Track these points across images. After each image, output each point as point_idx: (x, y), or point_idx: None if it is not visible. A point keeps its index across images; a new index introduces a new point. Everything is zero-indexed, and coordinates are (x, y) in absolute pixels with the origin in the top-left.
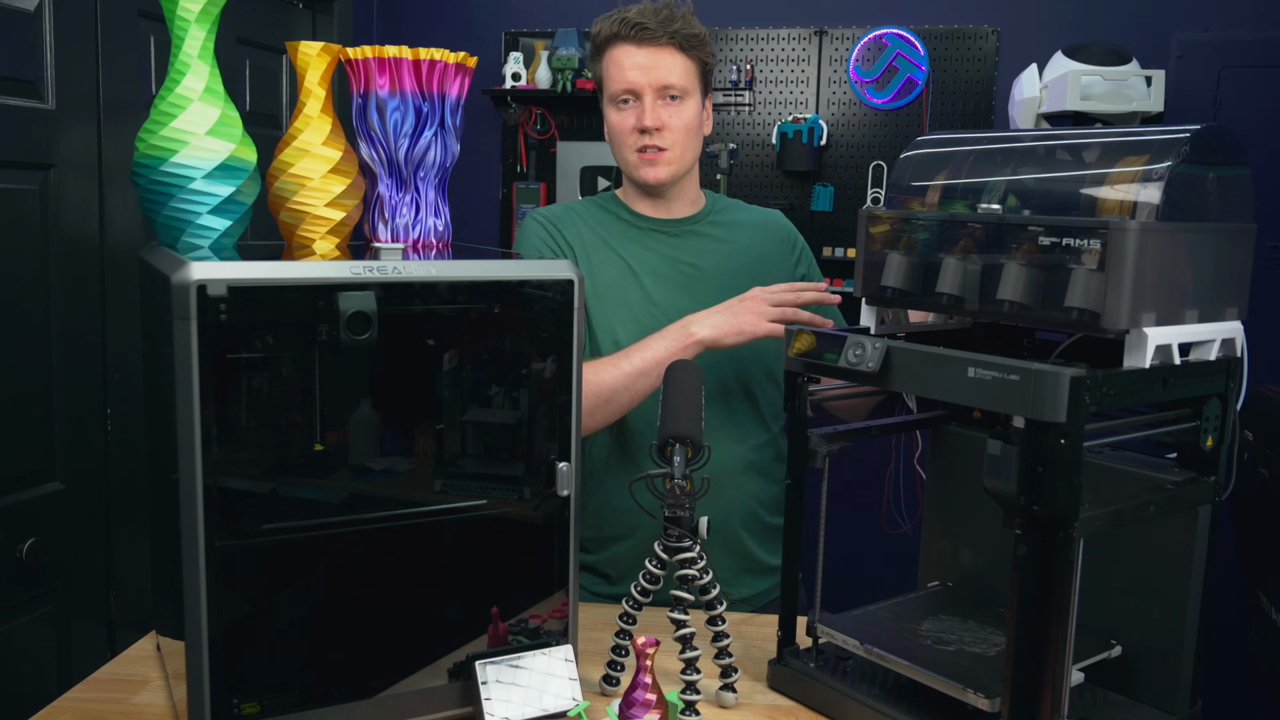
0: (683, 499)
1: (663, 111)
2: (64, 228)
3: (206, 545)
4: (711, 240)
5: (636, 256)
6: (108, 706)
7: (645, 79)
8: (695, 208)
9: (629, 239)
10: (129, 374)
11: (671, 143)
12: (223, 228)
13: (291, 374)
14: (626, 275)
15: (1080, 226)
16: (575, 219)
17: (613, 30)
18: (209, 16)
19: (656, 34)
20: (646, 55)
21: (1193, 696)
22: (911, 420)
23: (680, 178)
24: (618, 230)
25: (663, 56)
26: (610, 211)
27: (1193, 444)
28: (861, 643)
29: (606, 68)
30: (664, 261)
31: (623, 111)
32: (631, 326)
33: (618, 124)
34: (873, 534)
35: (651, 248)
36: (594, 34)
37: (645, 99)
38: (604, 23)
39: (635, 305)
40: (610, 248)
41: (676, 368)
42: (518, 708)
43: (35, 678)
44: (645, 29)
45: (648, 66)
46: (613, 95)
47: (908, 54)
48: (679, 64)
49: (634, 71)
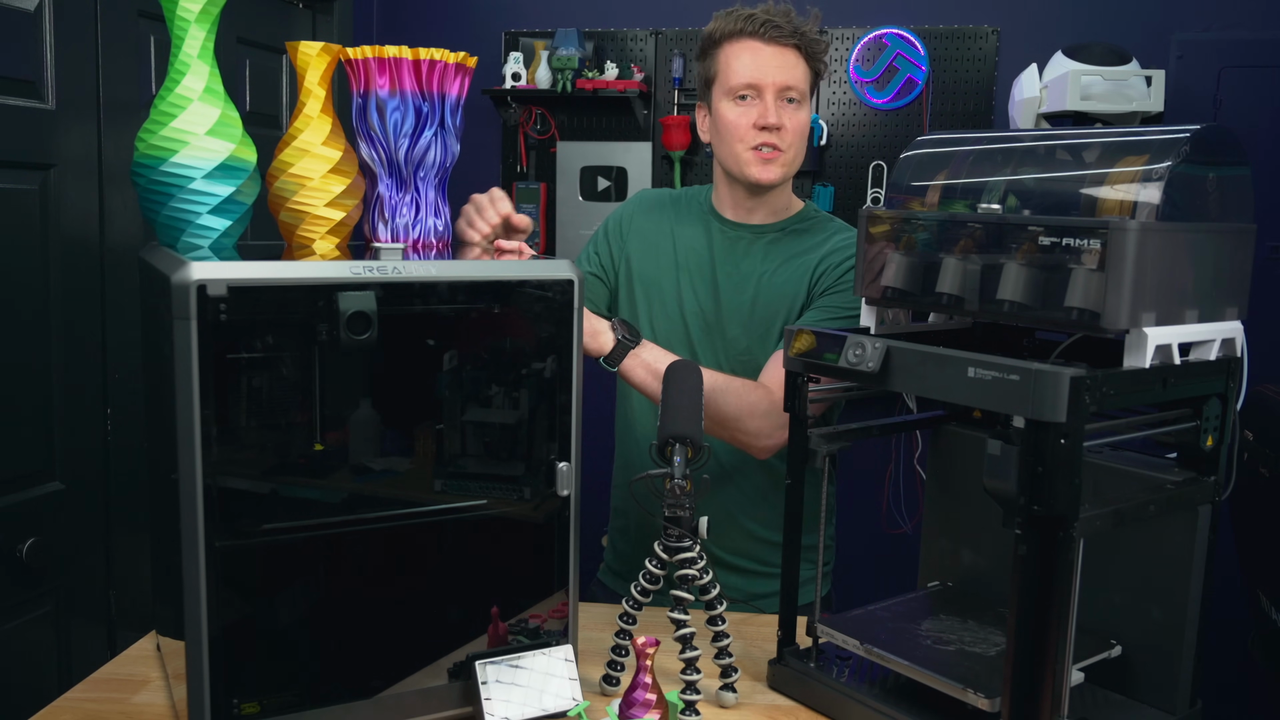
0: (683, 499)
1: (783, 112)
2: (64, 228)
3: (206, 545)
4: (766, 257)
5: (695, 252)
6: (108, 706)
7: (770, 77)
8: (776, 218)
9: (697, 234)
10: (129, 374)
11: (788, 144)
12: (223, 228)
13: (291, 374)
14: (677, 268)
15: (1080, 226)
16: (663, 206)
17: (737, 26)
18: (209, 16)
19: (785, 33)
20: (773, 54)
21: (1193, 696)
22: (911, 420)
23: (785, 182)
24: (693, 224)
25: (788, 57)
26: (699, 204)
27: (1193, 444)
28: (861, 643)
29: (726, 62)
30: (716, 264)
31: (741, 107)
32: (669, 319)
33: (734, 119)
34: (873, 534)
35: (712, 248)
36: (710, 30)
37: (767, 97)
38: (725, 19)
39: (676, 299)
40: (676, 239)
41: (677, 367)
42: (518, 708)
43: (35, 678)
44: (776, 26)
45: (774, 66)
46: (732, 89)
47: (908, 54)
48: (801, 68)
49: (759, 69)
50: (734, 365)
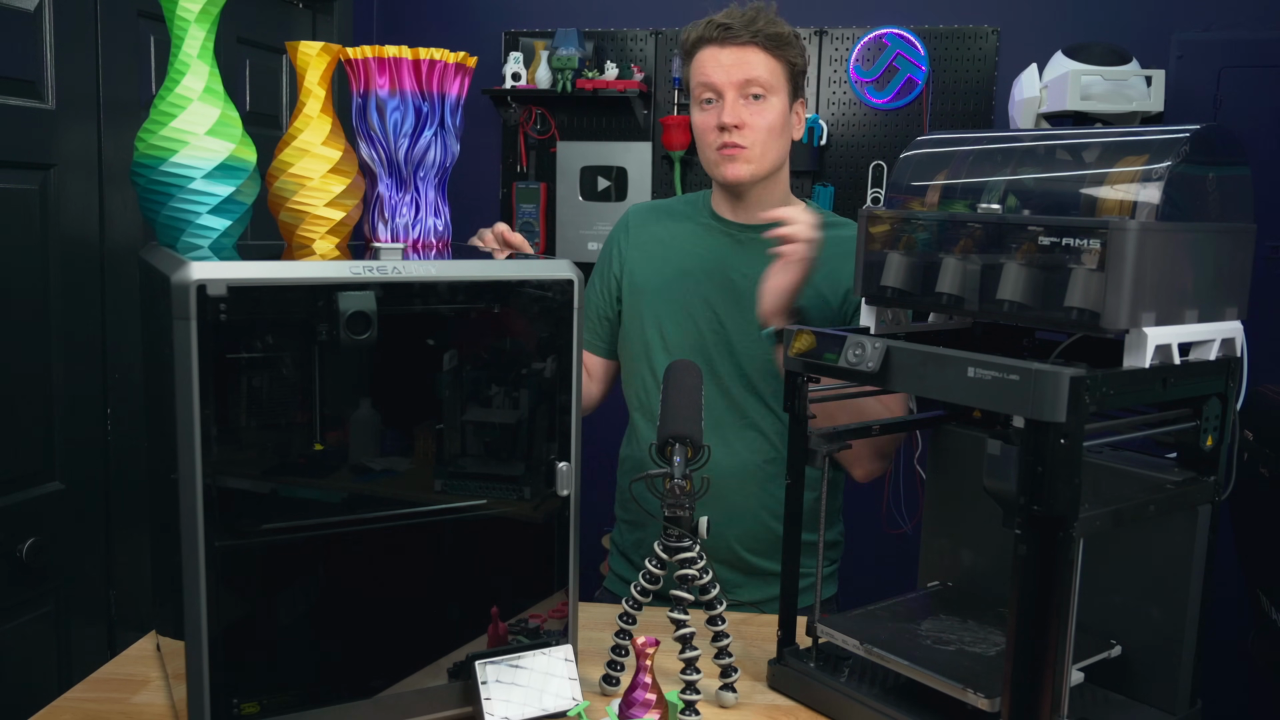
0: (682, 499)
1: (744, 110)
2: (64, 228)
3: (206, 545)
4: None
5: (699, 256)
6: (108, 706)
7: (726, 77)
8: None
9: (698, 238)
10: (129, 374)
11: (751, 141)
12: (223, 228)
13: (291, 374)
14: (683, 274)
15: (1080, 226)
16: (658, 215)
17: (699, 34)
18: (209, 16)
19: (739, 34)
20: (729, 55)
21: (1193, 696)
22: (911, 420)
23: (761, 179)
24: (692, 229)
25: (745, 55)
26: (696, 209)
27: (1193, 444)
28: (861, 643)
29: (693, 71)
30: (723, 265)
31: (705, 111)
32: (679, 326)
33: (700, 123)
34: (873, 534)
35: (716, 249)
36: (683, 40)
37: (726, 97)
38: (692, 28)
39: (685, 304)
40: (678, 245)
41: (676, 367)
42: (518, 708)
43: (35, 678)
44: (728, 29)
45: (729, 65)
46: (696, 96)
47: (908, 54)
48: (763, 63)
49: (716, 70)
50: (755, 369)
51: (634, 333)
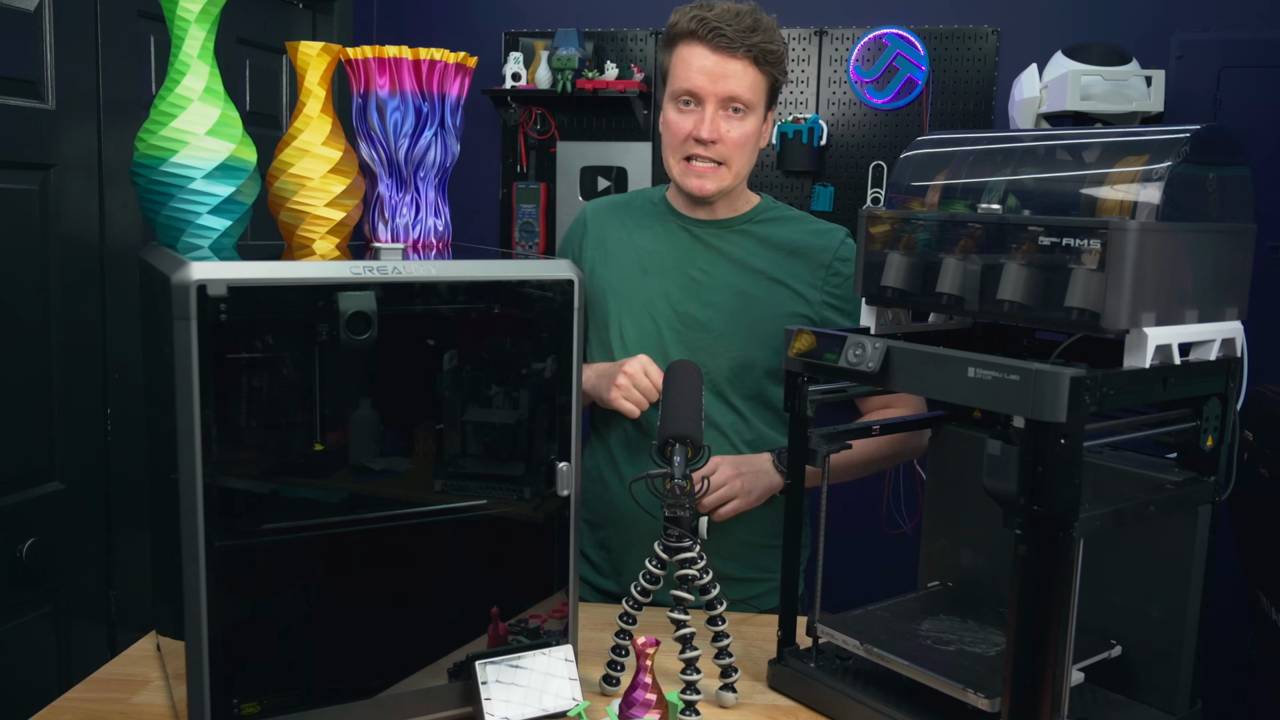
0: (683, 499)
1: (723, 123)
2: (64, 228)
3: (206, 545)
4: (737, 248)
5: (658, 254)
6: (108, 706)
7: (712, 87)
8: (735, 211)
9: (656, 236)
10: (129, 374)
11: (726, 156)
12: (223, 228)
13: (291, 374)
14: (642, 272)
15: (1080, 226)
16: (616, 212)
17: (689, 27)
18: (209, 16)
19: (734, 44)
20: (718, 63)
21: (1193, 696)
22: (911, 420)
23: (727, 192)
24: (650, 226)
25: (735, 66)
26: (653, 205)
27: (1193, 444)
28: (861, 643)
29: (675, 63)
30: (682, 262)
31: (682, 114)
32: (637, 325)
33: (674, 124)
34: (873, 534)
35: (676, 246)
36: (669, 24)
37: (707, 107)
38: (681, 15)
39: (644, 303)
40: (635, 244)
41: (677, 368)
42: (518, 708)
43: (35, 678)
44: (723, 36)
45: (717, 75)
46: (675, 93)
47: (908, 54)
48: (750, 77)
49: (702, 76)
50: (715, 367)
51: (595, 333)
